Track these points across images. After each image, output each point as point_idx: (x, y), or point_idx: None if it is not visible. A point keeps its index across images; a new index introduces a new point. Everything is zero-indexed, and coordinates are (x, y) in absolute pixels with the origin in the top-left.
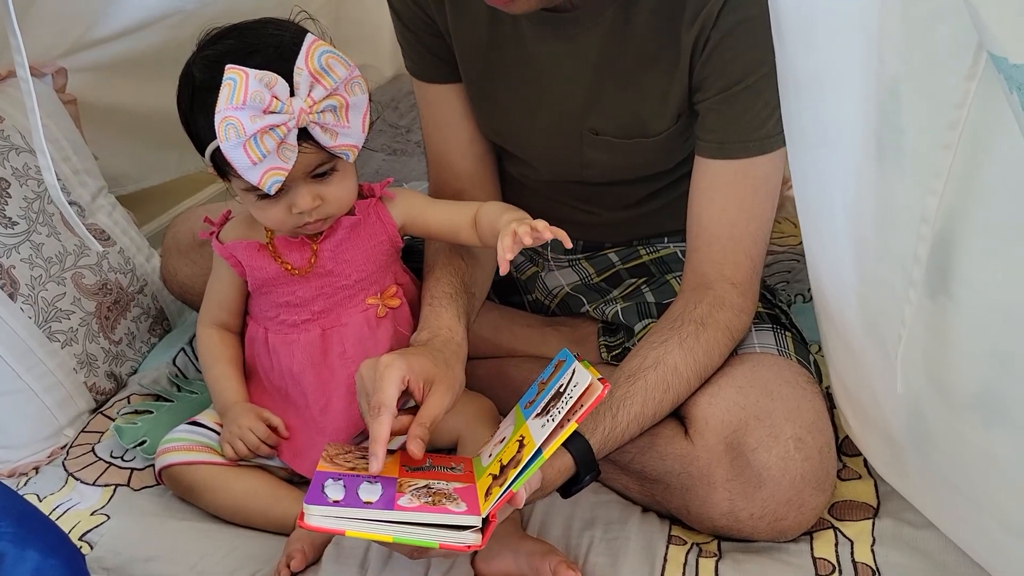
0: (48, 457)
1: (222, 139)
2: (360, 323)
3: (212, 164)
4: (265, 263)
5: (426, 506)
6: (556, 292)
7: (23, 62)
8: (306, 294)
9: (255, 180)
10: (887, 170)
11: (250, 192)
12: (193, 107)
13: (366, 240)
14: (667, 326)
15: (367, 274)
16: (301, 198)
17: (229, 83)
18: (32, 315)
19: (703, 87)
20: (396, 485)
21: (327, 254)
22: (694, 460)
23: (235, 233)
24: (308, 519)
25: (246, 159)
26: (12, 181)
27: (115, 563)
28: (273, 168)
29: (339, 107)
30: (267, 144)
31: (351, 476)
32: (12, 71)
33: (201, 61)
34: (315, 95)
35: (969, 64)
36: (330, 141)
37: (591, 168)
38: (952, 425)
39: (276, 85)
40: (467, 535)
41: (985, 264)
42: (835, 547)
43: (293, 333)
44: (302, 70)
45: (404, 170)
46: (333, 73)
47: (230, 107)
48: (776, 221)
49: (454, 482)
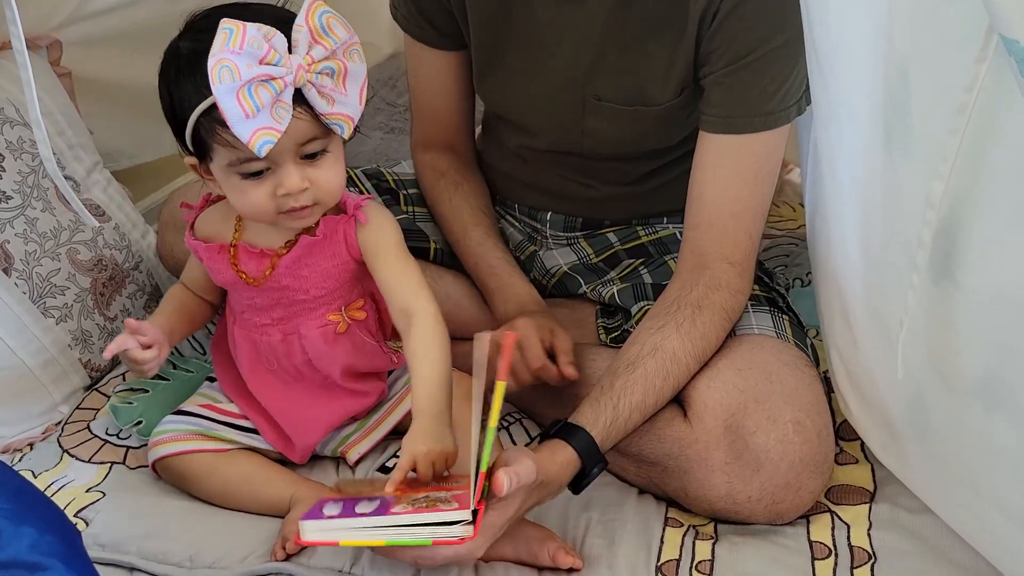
0: (43, 433)
1: (215, 82)
2: (316, 338)
3: (191, 141)
4: (222, 267)
5: (419, 509)
6: (554, 271)
7: (19, 33)
8: (264, 302)
9: (245, 137)
10: (894, 153)
11: (233, 170)
12: (179, 74)
13: (327, 260)
14: (663, 310)
15: (327, 291)
16: (288, 177)
17: (225, 31)
18: (27, 291)
19: (710, 60)
20: (394, 500)
21: (282, 269)
22: (692, 443)
23: (206, 228)
24: (304, 535)
25: (239, 109)
26: (6, 155)
27: (110, 540)
28: (265, 127)
29: (337, 72)
30: (262, 97)
31: (350, 499)
32: (6, 43)
33: (189, 35)
34: (314, 54)
35: (979, 47)
36: (326, 107)
37: (591, 137)
38: (952, 410)
39: (274, 38)
40: (458, 528)
41: (989, 250)
42: (832, 531)
43: (256, 333)
44: (302, 27)
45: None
46: (333, 34)
47: (226, 50)
48: (775, 205)
49: (453, 491)
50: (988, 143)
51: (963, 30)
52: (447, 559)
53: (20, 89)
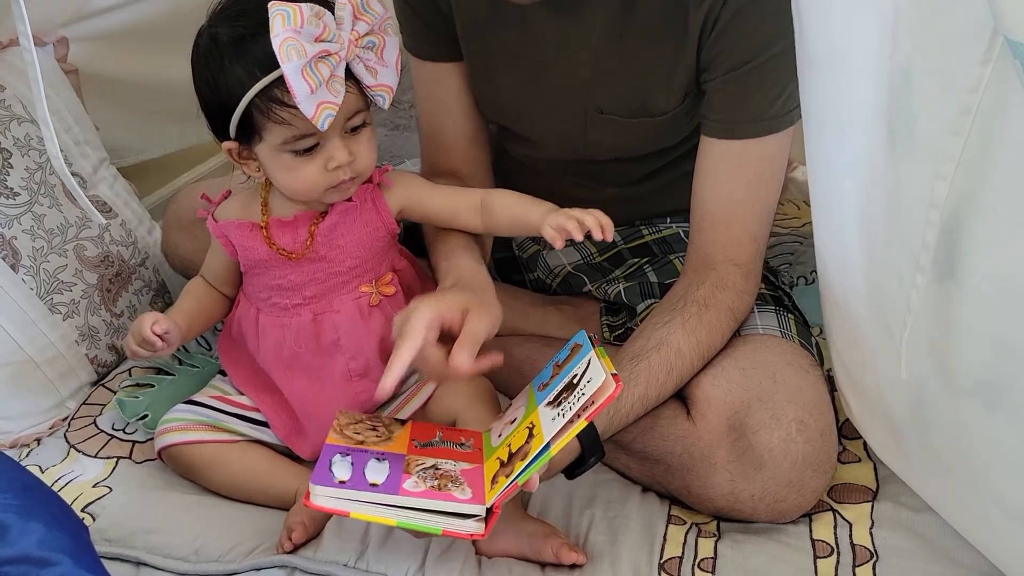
0: (50, 429)
1: (284, 60)
2: (352, 311)
3: (239, 128)
4: (257, 244)
5: (431, 491)
6: (558, 271)
7: (26, 31)
8: (298, 279)
9: (311, 112)
10: (897, 154)
11: (285, 149)
12: (224, 61)
13: (360, 227)
14: (670, 307)
15: (361, 261)
16: (338, 151)
17: (282, 13)
18: (34, 287)
19: (712, 66)
20: (403, 464)
21: (321, 238)
22: (696, 441)
23: (230, 213)
24: (314, 499)
25: (305, 85)
26: (13, 151)
27: (117, 535)
28: (326, 102)
29: (378, 45)
30: (322, 72)
31: (359, 451)
32: (13, 40)
33: (221, 22)
34: (359, 29)
35: (984, 48)
36: (371, 79)
37: (595, 147)
38: (955, 410)
39: (325, 16)
40: (470, 523)
41: (993, 251)
42: (834, 529)
43: (284, 316)
44: (345, 4)
45: (407, 146)
46: (372, 9)
47: (289, 28)
48: (779, 203)
49: (462, 462)
50: (992, 144)
51: (967, 32)
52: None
53: (27, 86)
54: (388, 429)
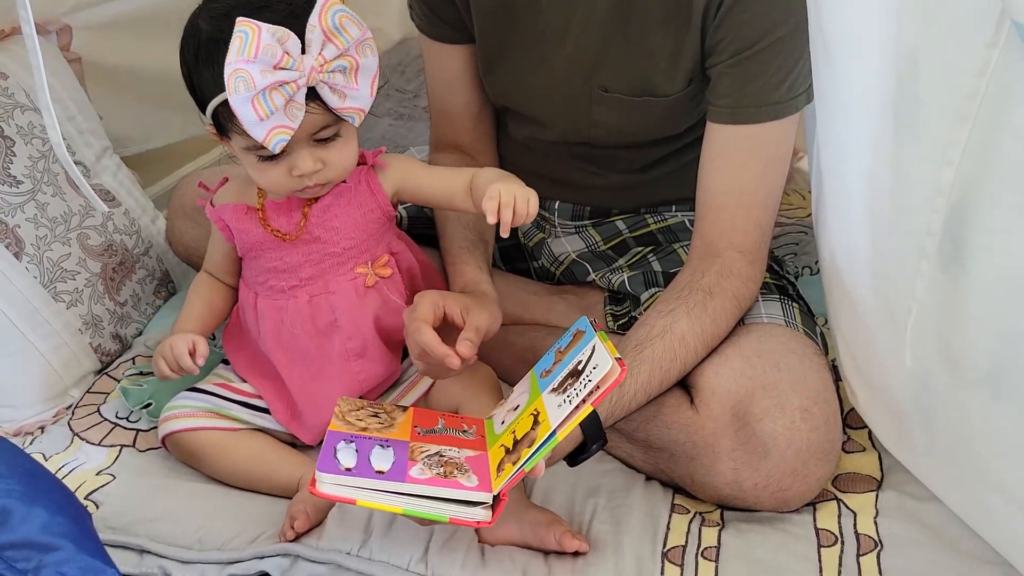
0: (54, 417)
1: (231, 91)
2: (348, 291)
3: (213, 122)
4: (252, 226)
5: (437, 479)
6: (562, 259)
7: (29, 18)
8: (293, 260)
9: (260, 137)
10: (903, 140)
11: (250, 152)
12: (198, 60)
13: (355, 208)
14: (674, 295)
15: (356, 242)
16: (303, 160)
17: (241, 35)
18: (38, 275)
19: (716, 50)
20: (408, 451)
21: (315, 219)
22: (699, 429)
23: (228, 197)
24: (320, 486)
25: (253, 114)
26: (17, 140)
27: (120, 523)
28: (279, 126)
29: (349, 68)
30: (275, 100)
31: (363, 438)
32: (16, 28)
33: (208, 13)
34: (326, 54)
35: (991, 32)
36: (338, 102)
37: (599, 128)
38: (960, 399)
39: (288, 41)
40: (477, 511)
41: (999, 238)
42: (838, 518)
43: (281, 299)
44: (315, 27)
45: (411, 135)
46: (346, 33)
47: (241, 59)
48: (785, 193)
49: (466, 449)
50: (999, 130)
51: (975, 15)
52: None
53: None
54: (390, 415)
